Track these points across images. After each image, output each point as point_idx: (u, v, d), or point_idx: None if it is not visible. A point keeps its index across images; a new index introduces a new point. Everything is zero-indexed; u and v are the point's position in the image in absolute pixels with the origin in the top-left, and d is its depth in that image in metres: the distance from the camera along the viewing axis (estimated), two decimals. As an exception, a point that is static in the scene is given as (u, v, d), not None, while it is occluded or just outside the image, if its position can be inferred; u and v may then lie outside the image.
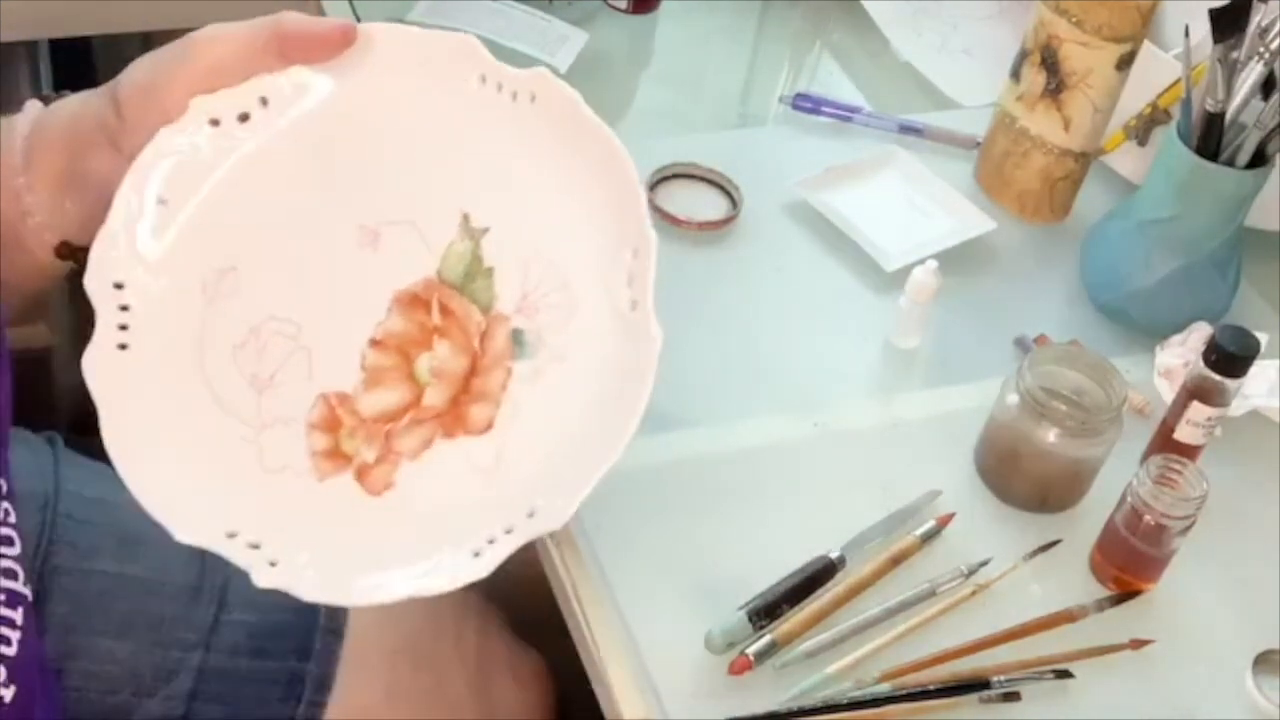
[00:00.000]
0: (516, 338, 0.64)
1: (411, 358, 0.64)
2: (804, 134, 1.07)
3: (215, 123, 0.63)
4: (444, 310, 0.64)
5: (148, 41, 1.34)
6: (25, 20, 1.12)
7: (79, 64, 1.43)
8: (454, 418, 0.64)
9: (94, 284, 0.62)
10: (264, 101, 0.64)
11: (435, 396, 0.64)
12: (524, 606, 0.86)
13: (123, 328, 0.62)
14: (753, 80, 1.17)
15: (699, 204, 0.98)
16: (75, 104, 0.64)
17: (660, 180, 0.99)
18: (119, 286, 0.62)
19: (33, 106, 0.65)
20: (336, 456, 0.63)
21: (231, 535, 0.60)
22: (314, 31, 0.63)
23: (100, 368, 0.61)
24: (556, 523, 0.60)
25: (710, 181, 1.00)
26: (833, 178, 1.00)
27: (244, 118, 0.64)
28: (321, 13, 1.11)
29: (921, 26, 1.20)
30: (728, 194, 0.99)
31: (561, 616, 0.74)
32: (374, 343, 0.64)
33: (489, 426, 0.63)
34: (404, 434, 0.64)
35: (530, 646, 0.94)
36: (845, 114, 1.08)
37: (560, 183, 0.65)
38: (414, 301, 0.65)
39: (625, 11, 1.17)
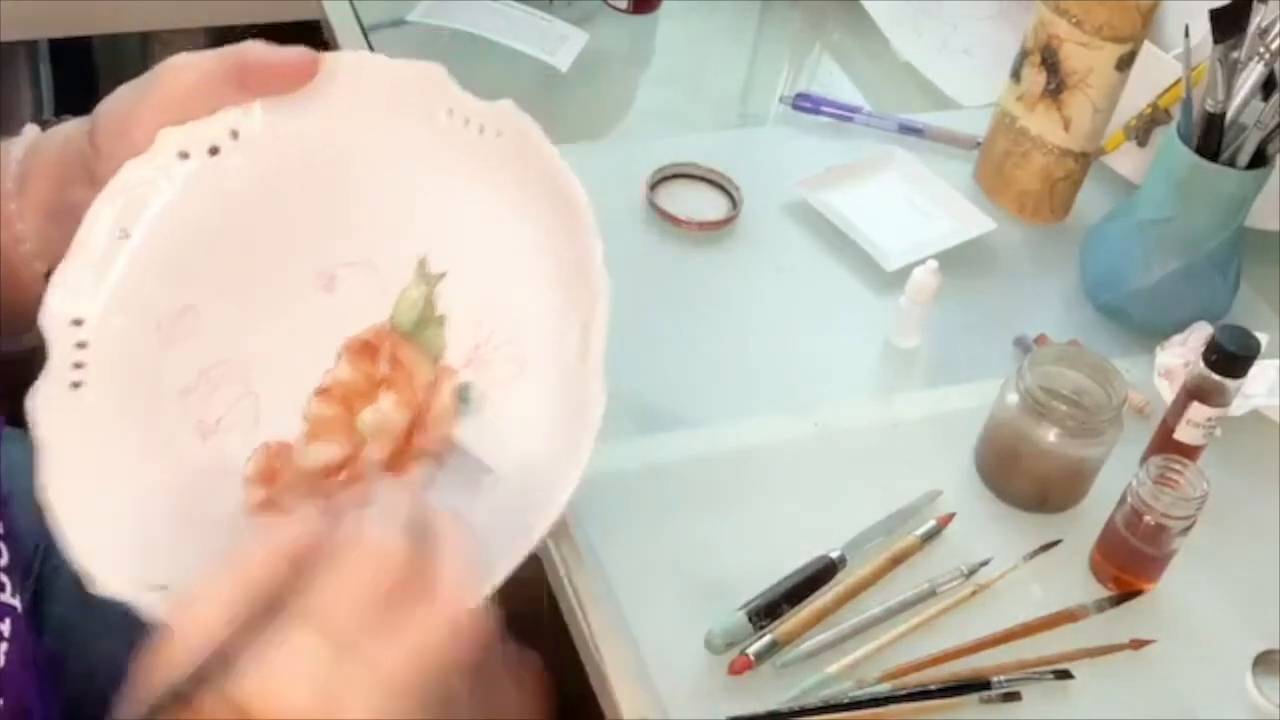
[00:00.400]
0: (463, 393, 0.61)
1: (355, 409, 0.62)
2: (804, 134, 1.07)
3: (185, 155, 0.61)
4: (393, 360, 0.62)
5: (147, 41, 1.34)
6: (25, 20, 1.13)
7: (79, 64, 1.43)
8: (393, 476, 0.61)
9: (49, 320, 0.59)
10: (234, 135, 0.62)
11: (375, 452, 0.62)
12: (524, 606, 0.86)
13: (78, 365, 0.60)
14: (753, 80, 1.17)
15: (699, 204, 0.98)
16: (68, 130, 0.63)
17: (660, 180, 0.99)
18: (77, 323, 0.60)
19: (30, 131, 0.64)
20: (273, 510, 0.61)
21: (161, 588, 0.57)
22: (274, 63, 0.61)
23: (49, 407, 0.58)
24: (481, 595, 0.55)
25: (710, 181, 1.00)
26: (833, 178, 1.00)
27: (214, 151, 0.62)
28: (321, 13, 1.11)
29: (921, 26, 1.20)
30: (728, 194, 0.99)
31: (561, 616, 0.74)
32: (320, 391, 0.62)
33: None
34: (341, 490, 0.61)
35: (530, 647, 0.94)
36: (845, 114, 1.08)
37: (519, 226, 0.62)
38: (364, 350, 0.62)
39: (625, 11, 1.17)
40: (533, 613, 0.83)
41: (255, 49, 0.61)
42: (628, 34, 1.17)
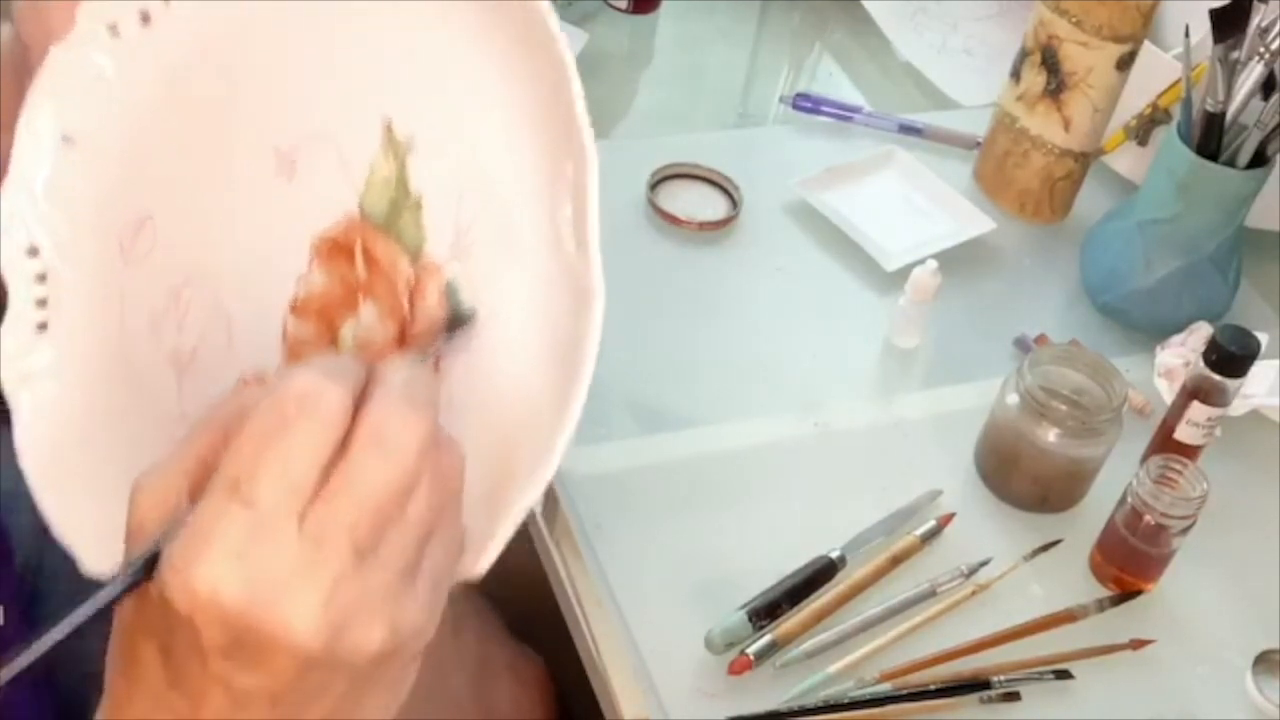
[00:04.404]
0: (450, 295, 0.51)
1: (336, 325, 0.52)
2: (804, 134, 1.07)
3: (114, 30, 0.51)
4: (368, 259, 0.52)
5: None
6: (25, 20, 1.12)
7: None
8: None
9: (3, 254, 0.52)
10: None
11: None
12: (524, 606, 0.86)
13: (41, 303, 0.52)
14: (753, 80, 1.17)
15: (699, 204, 0.98)
16: (5, 36, 0.56)
17: (660, 180, 0.99)
18: (32, 252, 0.52)
19: None
20: None
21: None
22: None
23: (16, 357, 0.51)
24: (474, 567, 0.46)
25: (710, 181, 1.00)
26: (833, 178, 1.00)
27: (145, 18, 0.52)
28: None
29: (921, 26, 1.20)
30: (728, 194, 0.99)
31: (561, 616, 0.74)
32: (295, 307, 0.53)
33: None
34: None
35: (530, 646, 0.94)
36: (845, 114, 1.08)
37: (491, 77, 0.50)
38: (335, 250, 0.52)
39: (625, 11, 1.17)
40: (533, 613, 0.83)
41: None
42: (628, 34, 1.17)
